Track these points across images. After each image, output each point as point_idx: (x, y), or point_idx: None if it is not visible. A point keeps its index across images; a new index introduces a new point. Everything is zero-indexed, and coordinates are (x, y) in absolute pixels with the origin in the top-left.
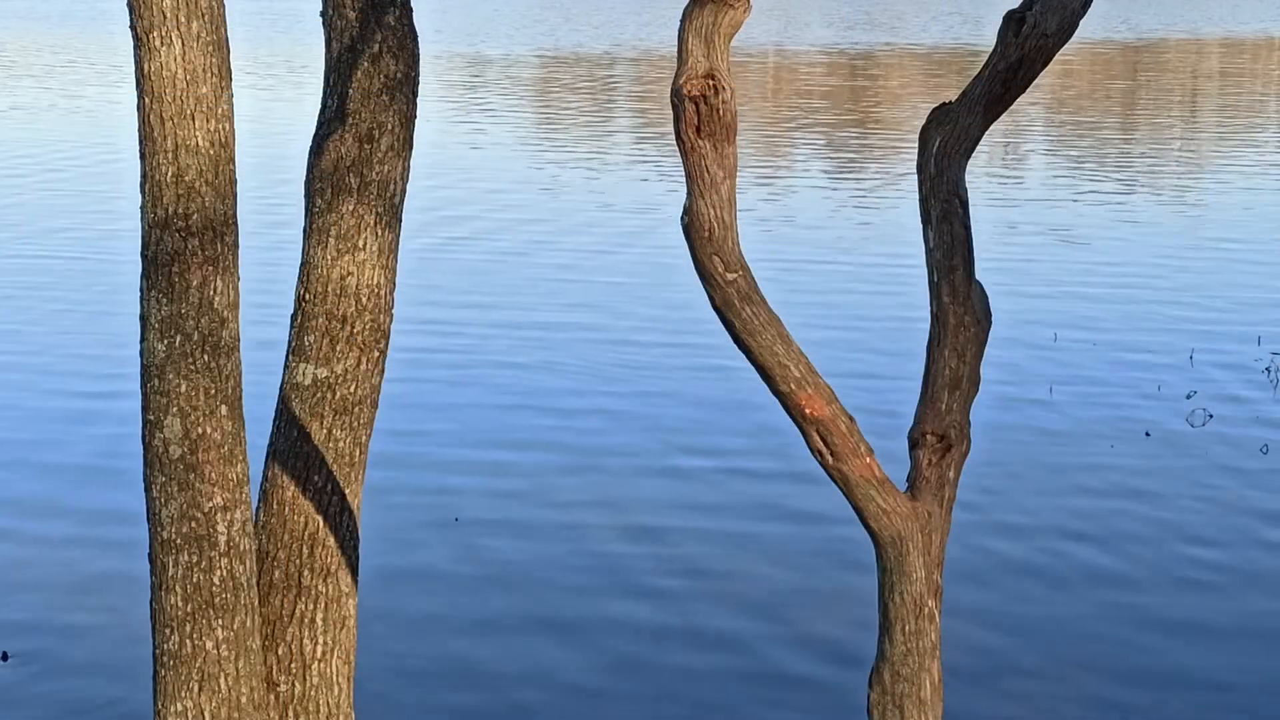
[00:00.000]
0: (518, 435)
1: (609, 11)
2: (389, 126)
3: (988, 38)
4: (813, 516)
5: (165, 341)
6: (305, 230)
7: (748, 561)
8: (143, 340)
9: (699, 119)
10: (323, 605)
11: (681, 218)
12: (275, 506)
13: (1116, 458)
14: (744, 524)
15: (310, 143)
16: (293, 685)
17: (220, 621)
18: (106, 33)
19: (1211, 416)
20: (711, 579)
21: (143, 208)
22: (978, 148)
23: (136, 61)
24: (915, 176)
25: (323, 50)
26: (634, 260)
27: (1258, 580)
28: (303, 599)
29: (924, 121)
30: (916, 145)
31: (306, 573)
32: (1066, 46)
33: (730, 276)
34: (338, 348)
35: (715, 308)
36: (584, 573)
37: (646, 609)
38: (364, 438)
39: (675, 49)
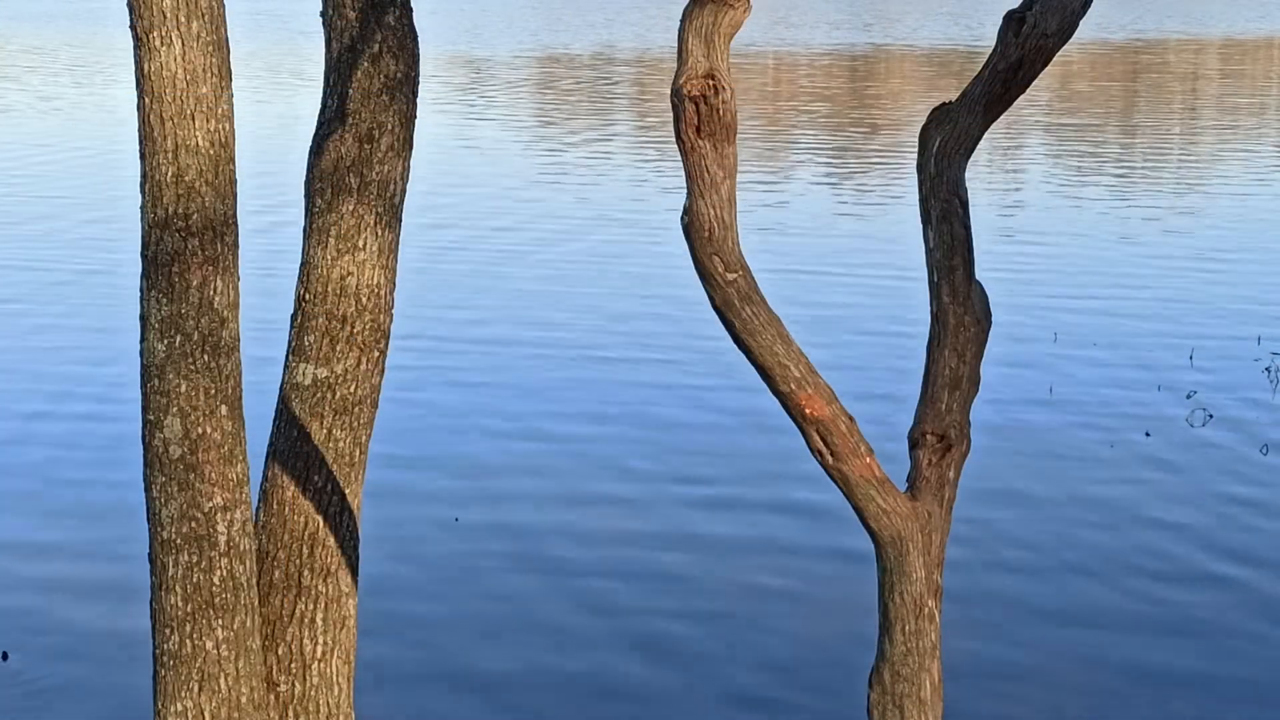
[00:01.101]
0: (518, 435)
1: (608, 12)
2: (389, 126)
3: (987, 38)
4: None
5: (165, 341)
6: (305, 230)
7: (748, 573)
8: (143, 340)
9: (699, 119)
10: (323, 605)
11: (681, 218)
12: (275, 506)
13: (1116, 458)
14: (752, 533)
15: (310, 143)
16: (293, 685)
17: (220, 621)
18: (89, 32)
19: (1211, 416)
20: (706, 581)
21: (143, 208)
22: (978, 148)
23: (136, 61)
24: (915, 176)
25: (322, 50)
26: (634, 260)
27: (1258, 580)
28: (303, 599)
29: (924, 122)
30: (916, 145)
31: (306, 573)
32: (1066, 46)
33: (730, 276)
34: (338, 348)
35: (715, 308)
36: (584, 573)
37: (646, 607)
38: (364, 438)
39: (674, 49)
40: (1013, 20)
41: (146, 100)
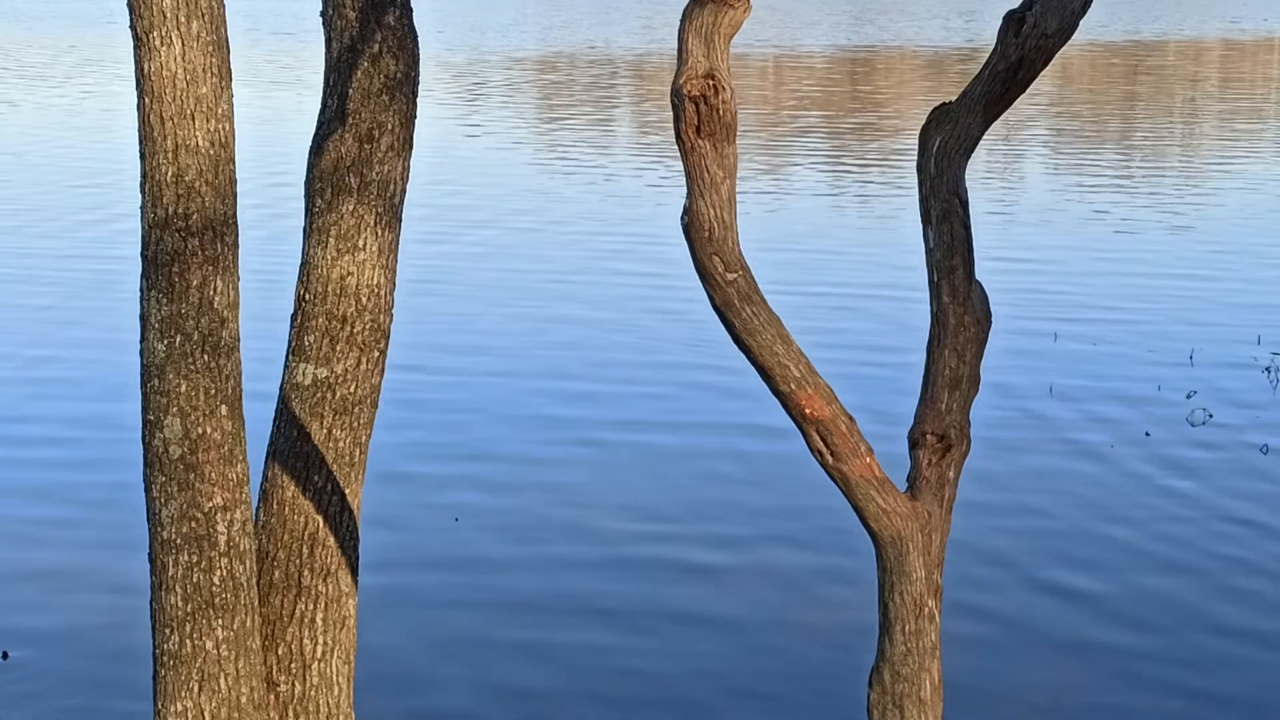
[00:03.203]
0: (517, 434)
1: (607, 12)
2: (389, 126)
3: (987, 37)
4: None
5: (165, 341)
6: (305, 230)
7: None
8: (143, 340)
9: (699, 119)
10: (323, 605)
11: (681, 218)
12: (275, 506)
13: (1116, 458)
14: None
15: (310, 143)
16: (293, 685)
17: (220, 621)
18: (68, 32)
19: (1211, 416)
20: (707, 579)
21: (143, 208)
22: (977, 148)
23: (136, 61)
24: (915, 176)
25: (323, 50)
26: (634, 260)
27: (1259, 580)
28: (303, 599)
29: (924, 122)
30: (916, 145)
31: (306, 573)
32: (1066, 46)
33: (730, 276)
34: (338, 348)
35: (715, 308)
36: (583, 573)
37: (645, 606)
38: (364, 438)
39: (673, 50)
40: (1013, 20)
41: (146, 100)
